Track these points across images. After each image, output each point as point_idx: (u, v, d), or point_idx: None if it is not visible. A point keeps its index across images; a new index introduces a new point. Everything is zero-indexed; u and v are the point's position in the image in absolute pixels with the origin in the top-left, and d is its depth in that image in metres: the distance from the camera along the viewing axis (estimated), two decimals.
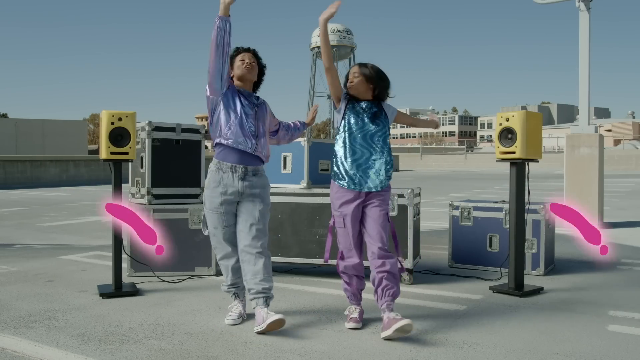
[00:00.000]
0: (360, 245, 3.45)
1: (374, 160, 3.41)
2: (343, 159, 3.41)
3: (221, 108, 3.47)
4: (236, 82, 3.59)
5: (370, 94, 3.49)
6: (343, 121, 3.46)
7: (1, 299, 4.14)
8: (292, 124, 3.95)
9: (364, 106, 3.47)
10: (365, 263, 3.46)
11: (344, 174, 3.41)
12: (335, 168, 3.46)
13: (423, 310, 3.76)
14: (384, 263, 3.31)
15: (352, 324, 3.40)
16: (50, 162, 23.72)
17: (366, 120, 3.44)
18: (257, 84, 3.70)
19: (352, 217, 3.38)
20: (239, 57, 3.59)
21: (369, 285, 3.48)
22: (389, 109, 3.56)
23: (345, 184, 3.40)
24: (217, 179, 3.44)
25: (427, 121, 3.98)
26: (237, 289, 3.60)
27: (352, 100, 3.49)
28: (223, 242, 3.51)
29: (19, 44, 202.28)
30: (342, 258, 3.47)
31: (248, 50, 3.65)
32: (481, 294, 4.22)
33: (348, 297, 3.55)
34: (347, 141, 3.43)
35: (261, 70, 3.69)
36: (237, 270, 3.55)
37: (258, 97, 3.67)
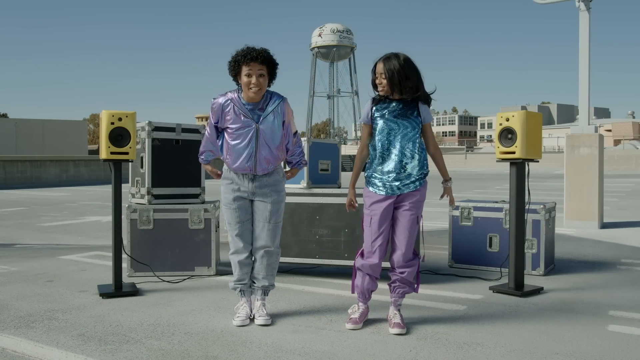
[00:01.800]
0: (384, 246, 3.36)
1: (405, 164, 3.31)
2: (374, 165, 3.37)
3: (223, 135, 3.52)
4: (243, 93, 3.43)
5: (398, 94, 3.34)
6: (373, 126, 3.39)
7: (1, 299, 4.14)
8: (295, 156, 3.69)
9: (390, 107, 3.35)
10: (385, 263, 3.46)
11: (374, 180, 3.36)
12: (366, 173, 3.42)
13: (423, 310, 3.76)
14: (402, 272, 3.37)
15: (350, 325, 3.39)
16: (50, 162, 23.72)
17: (392, 122, 3.32)
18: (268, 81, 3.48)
19: (380, 218, 3.32)
20: (244, 70, 3.31)
21: (381, 287, 3.49)
22: (424, 111, 3.36)
23: (376, 190, 3.35)
24: (230, 178, 3.53)
25: (444, 173, 3.55)
26: (244, 286, 3.60)
27: (379, 102, 3.38)
28: (235, 238, 3.54)
29: (19, 44, 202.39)
30: (362, 255, 3.43)
31: (257, 58, 3.31)
32: (481, 294, 4.22)
33: (357, 293, 3.52)
34: (376, 146, 3.36)
35: (273, 72, 3.44)
36: (245, 266, 3.56)
37: (267, 105, 3.42)
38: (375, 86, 3.38)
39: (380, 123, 3.35)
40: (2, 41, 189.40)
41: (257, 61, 3.31)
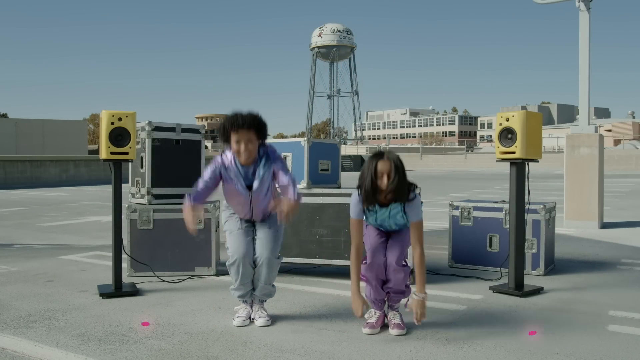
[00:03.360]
0: (384, 244, 3.36)
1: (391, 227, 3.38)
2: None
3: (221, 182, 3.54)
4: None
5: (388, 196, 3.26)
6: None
7: (1, 299, 4.14)
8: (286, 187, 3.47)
9: (381, 209, 3.32)
10: None
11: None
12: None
13: None
14: (390, 280, 3.34)
15: (367, 330, 3.33)
16: (50, 162, 23.71)
17: (382, 220, 3.34)
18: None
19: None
20: (233, 137, 3.33)
21: None
22: (410, 211, 3.27)
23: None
24: (232, 210, 3.59)
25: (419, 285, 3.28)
26: (244, 297, 3.56)
27: (368, 203, 3.31)
28: (235, 246, 3.47)
29: (19, 44, 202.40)
30: (364, 260, 3.39)
31: (244, 125, 3.29)
32: (481, 294, 4.22)
33: (369, 302, 3.45)
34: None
35: (262, 134, 3.41)
36: (245, 276, 3.48)
37: (259, 166, 3.40)
38: (370, 187, 3.19)
39: (371, 219, 3.37)
40: (2, 41, 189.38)
41: (244, 128, 3.31)
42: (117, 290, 4.19)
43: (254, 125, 3.34)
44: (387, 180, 3.17)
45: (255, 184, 3.41)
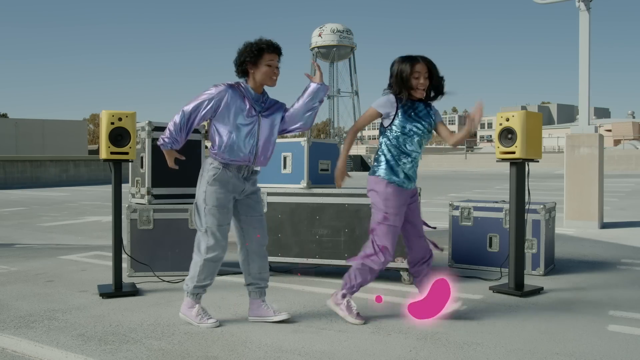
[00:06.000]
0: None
1: (417, 160, 3.51)
2: (399, 159, 3.43)
3: (215, 124, 3.40)
4: (250, 81, 3.42)
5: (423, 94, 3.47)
6: (396, 121, 3.43)
7: (1, 299, 4.14)
8: (302, 97, 3.50)
9: (418, 108, 3.47)
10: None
11: (400, 173, 3.45)
12: (389, 166, 3.43)
13: None
14: (428, 259, 3.64)
15: (356, 320, 3.48)
16: (50, 162, 23.71)
17: (419, 123, 3.45)
18: None
19: (402, 216, 3.47)
20: (266, 59, 3.38)
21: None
22: (434, 110, 3.56)
23: (404, 184, 3.46)
24: (225, 178, 3.36)
25: (463, 131, 3.49)
26: (204, 290, 3.52)
27: (406, 102, 3.44)
28: (221, 240, 3.39)
29: (19, 44, 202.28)
30: (389, 255, 3.44)
31: (277, 50, 3.42)
32: (481, 294, 4.22)
33: (350, 286, 3.49)
34: (399, 141, 3.45)
35: None
36: (218, 267, 3.50)
37: (266, 100, 3.47)
38: (404, 85, 3.40)
39: (407, 123, 3.44)
40: (2, 41, 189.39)
41: (277, 52, 3.44)
42: (117, 290, 4.19)
43: (281, 52, 3.48)
44: (423, 80, 3.40)
45: (264, 111, 3.44)
